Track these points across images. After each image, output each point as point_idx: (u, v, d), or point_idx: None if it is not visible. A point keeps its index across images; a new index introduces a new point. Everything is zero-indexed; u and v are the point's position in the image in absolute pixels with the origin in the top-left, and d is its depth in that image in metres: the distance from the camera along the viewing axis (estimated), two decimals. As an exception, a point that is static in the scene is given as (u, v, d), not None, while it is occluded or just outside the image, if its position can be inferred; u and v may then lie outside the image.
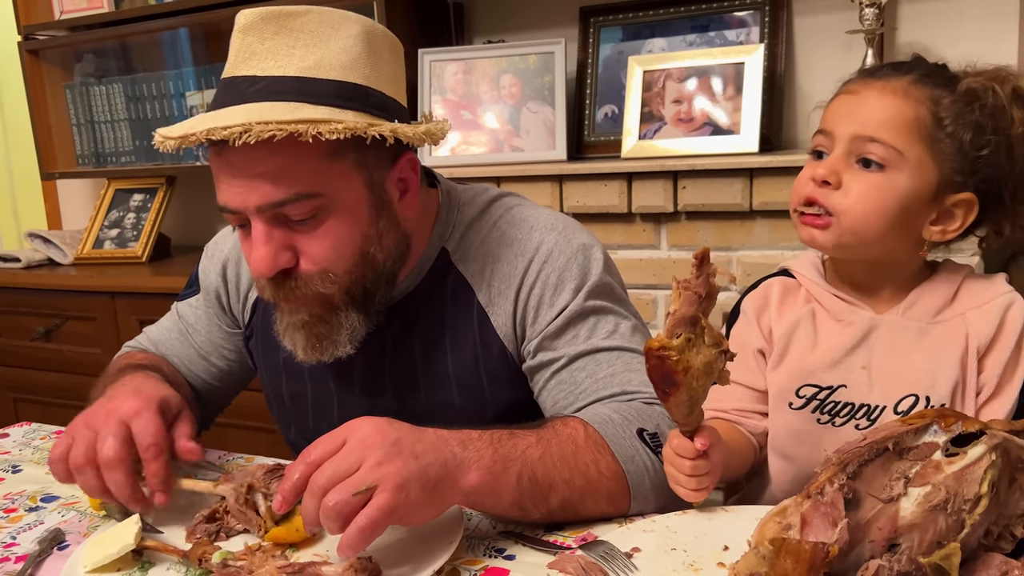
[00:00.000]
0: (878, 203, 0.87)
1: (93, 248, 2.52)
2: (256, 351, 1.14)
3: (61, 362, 2.33)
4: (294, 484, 0.75)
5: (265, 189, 0.86)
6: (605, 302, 1.00)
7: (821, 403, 0.94)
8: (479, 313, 1.01)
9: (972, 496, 0.66)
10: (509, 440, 0.82)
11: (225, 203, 0.89)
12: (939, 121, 0.87)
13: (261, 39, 0.87)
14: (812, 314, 0.97)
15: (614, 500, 0.87)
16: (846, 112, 0.90)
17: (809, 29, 1.87)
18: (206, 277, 1.15)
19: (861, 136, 0.87)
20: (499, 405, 1.02)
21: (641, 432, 0.89)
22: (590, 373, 0.96)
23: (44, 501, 0.99)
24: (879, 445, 0.68)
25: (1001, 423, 0.70)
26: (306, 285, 0.91)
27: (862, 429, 0.92)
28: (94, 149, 2.67)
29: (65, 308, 2.34)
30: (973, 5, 1.73)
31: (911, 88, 0.88)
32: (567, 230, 1.03)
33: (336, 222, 0.90)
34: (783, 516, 0.67)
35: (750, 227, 1.73)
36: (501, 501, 0.81)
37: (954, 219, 0.90)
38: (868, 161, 0.87)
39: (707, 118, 1.82)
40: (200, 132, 0.83)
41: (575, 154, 2.03)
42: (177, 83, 2.48)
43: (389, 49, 0.95)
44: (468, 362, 1.01)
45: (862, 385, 0.93)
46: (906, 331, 0.93)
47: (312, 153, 0.86)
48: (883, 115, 0.87)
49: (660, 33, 1.97)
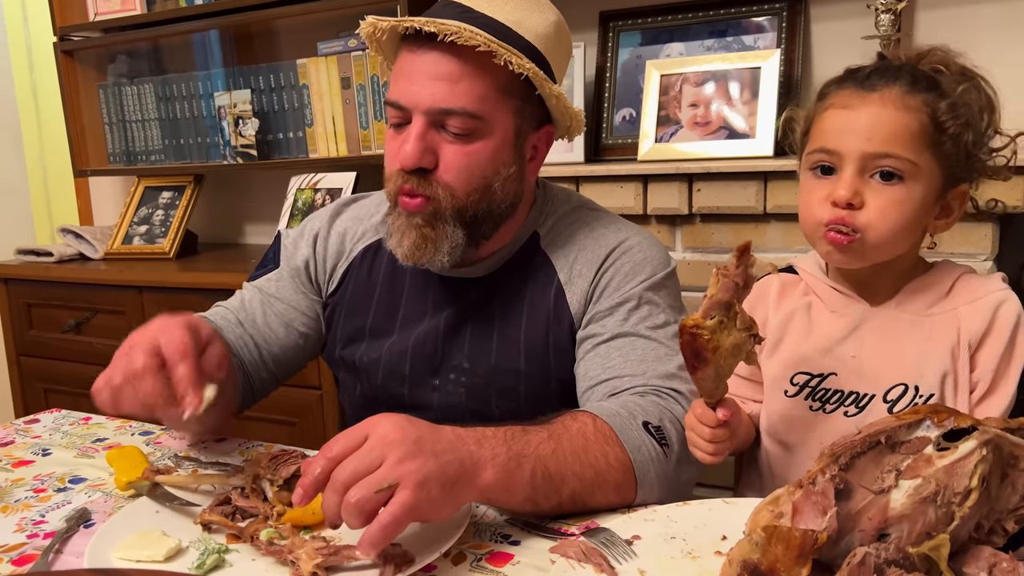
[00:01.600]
0: (901, 215, 0.90)
1: (123, 244, 2.59)
2: (338, 317, 1.19)
3: (90, 354, 2.39)
4: (315, 478, 0.75)
5: (441, 95, 0.98)
6: (662, 299, 1.08)
7: (813, 390, 0.97)
8: (557, 289, 1.09)
9: (962, 490, 0.68)
10: (522, 437, 0.85)
11: (397, 99, 1.00)
12: (939, 126, 0.89)
13: None
14: (808, 305, 1.01)
15: (621, 490, 0.90)
16: (848, 129, 0.90)
17: (825, 35, 1.88)
18: (294, 251, 1.22)
19: (873, 153, 0.88)
20: (561, 373, 1.09)
21: (647, 424, 0.93)
22: (624, 354, 1.03)
23: (72, 483, 1.03)
24: (872, 438, 0.70)
25: (995, 420, 0.72)
26: (432, 189, 1.01)
27: (851, 416, 0.95)
28: (125, 148, 2.73)
29: (95, 302, 2.40)
30: (989, 13, 1.73)
31: (907, 98, 0.89)
32: (651, 237, 1.13)
33: (481, 147, 1.01)
34: (776, 505, 0.69)
35: (764, 230, 1.75)
36: (515, 497, 0.83)
37: (952, 211, 0.94)
38: (888, 174, 0.89)
39: (723, 122, 1.84)
40: (420, 20, 0.96)
41: (592, 156, 2.06)
42: (207, 83, 2.54)
43: (568, 48, 1.12)
44: (540, 332, 1.09)
45: (852, 373, 0.96)
46: (898, 322, 0.95)
47: (490, 81, 0.99)
48: (889, 129, 0.88)
49: (678, 38, 1.99)
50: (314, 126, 2.36)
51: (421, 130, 0.99)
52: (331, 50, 2.30)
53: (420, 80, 0.99)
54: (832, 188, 0.91)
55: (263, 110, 2.44)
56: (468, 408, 1.11)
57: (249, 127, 2.42)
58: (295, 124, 2.40)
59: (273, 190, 2.62)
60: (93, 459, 1.11)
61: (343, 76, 2.28)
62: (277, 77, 2.41)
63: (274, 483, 0.89)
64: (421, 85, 0.99)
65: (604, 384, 1.02)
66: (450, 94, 0.98)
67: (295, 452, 0.93)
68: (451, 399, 1.11)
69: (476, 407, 1.10)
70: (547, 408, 1.07)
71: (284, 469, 0.91)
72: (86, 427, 1.25)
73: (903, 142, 0.88)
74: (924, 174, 0.89)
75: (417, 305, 1.14)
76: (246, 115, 2.42)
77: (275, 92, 2.42)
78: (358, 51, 2.25)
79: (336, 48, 2.29)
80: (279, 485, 0.89)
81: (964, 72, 0.93)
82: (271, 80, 2.42)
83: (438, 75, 0.98)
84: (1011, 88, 0.88)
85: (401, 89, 1.00)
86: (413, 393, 1.13)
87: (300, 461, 0.91)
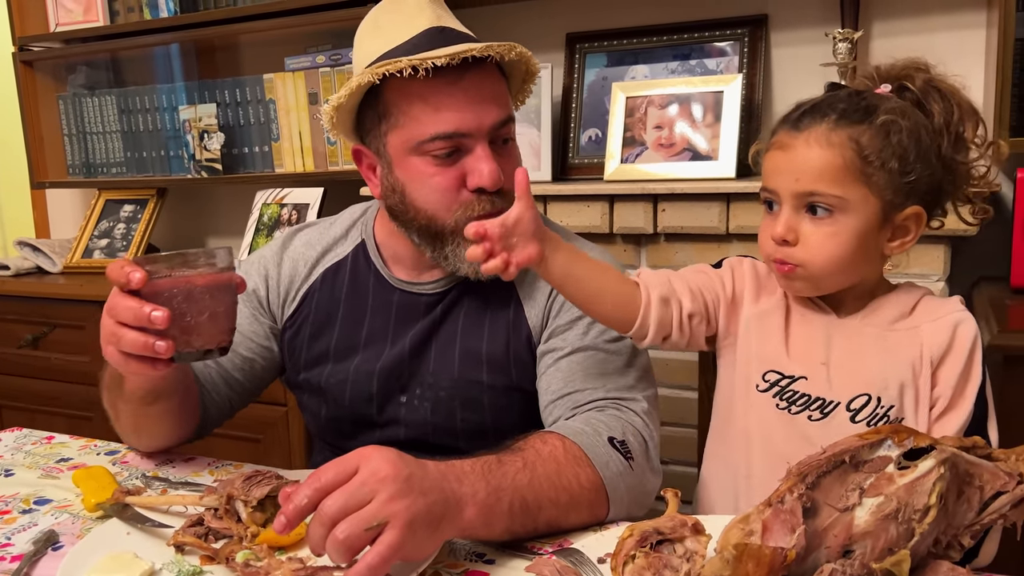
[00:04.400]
0: (836, 247, 0.94)
1: (82, 257, 2.55)
2: (300, 340, 1.19)
3: (47, 370, 2.35)
4: (300, 507, 0.74)
5: (494, 110, 1.03)
6: None
7: (782, 390, 1.00)
8: (516, 302, 1.12)
9: (921, 507, 0.71)
10: (499, 469, 0.86)
11: (458, 127, 1.01)
12: (865, 159, 0.92)
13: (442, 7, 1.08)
14: (785, 307, 1.04)
15: (594, 509, 0.92)
16: (782, 168, 0.96)
17: (786, 60, 1.93)
18: (252, 278, 1.20)
19: (801, 192, 0.94)
20: (522, 383, 1.11)
21: (612, 440, 0.95)
22: (585, 368, 1.05)
23: (37, 504, 1.02)
24: (837, 458, 0.72)
25: (951, 439, 0.75)
26: (507, 198, 1.02)
27: (814, 420, 0.98)
28: (85, 160, 2.69)
29: (53, 316, 2.35)
30: (942, 41, 1.80)
31: (831, 135, 0.93)
32: (605, 253, 1.16)
33: (515, 148, 1.10)
34: (746, 523, 0.72)
35: (727, 250, 1.79)
36: (494, 530, 0.84)
37: (908, 231, 0.97)
38: (815, 208, 0.94)
39: (687, 144, 1.88)
40: (478, 47, 0.99)
41: (559, 175, 2.09)
42: (170, 96, 2.52)
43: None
44: (500, 344, 1.10)
45: (821, 380, 0.99)
46: (864, 335, 0.99)
47: (506, 85, 1.08)
48: (815, 168, 0.93)
49: (643, 60, 2.04)
50: (280, 141, 2.36)
51: (488, 150, 1.03)
52: (299, 65, 2.30)
53: (474, 104, 1.01)
54: (774, 224, 0.97)
55: (228, 124, 2.42)
56: (433, 423, 1.12)
57: (214, 141, 2.40)
58: (261, 139, 2.40)
59: (238, 204, 2.61)
60: (58, 479, 1.09)
61: (310, 91, 2.28)
62: (243, 91, 2.40)
63: (248, 504, 0.89)
64: (475, 108, 1.01)
65: (566, 398, 1.04)
66: (499, 108, 1.04)
67: (269, 473, 0.93)
68: (417, 415, 1.12)
69: (441, 421, 1.11)
70: (510, 417, 1.10)
71: (257, 490, 0.90)
72: (49, 446, 1.23)
73: (827, 179, 0.92)
74: (855, 205, 0.93)
75: (380, 322, 1.15)
76: (211, 129, 2.40)
77: (241, 106, 2.41)
78: (326, 67, 2.26)
79: (304, 64, 2.29)
80: (253, 506, 0.89)
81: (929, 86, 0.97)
82: (237, 94, 2.41)
83: (484, 96, 1.02)
84: None
85: (455, 118, 1.01)
86: (381, 412, 1.14)
87: (274, 482, 0.91)
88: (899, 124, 0.92)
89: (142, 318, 0.86)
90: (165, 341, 0.87)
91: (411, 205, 1.06)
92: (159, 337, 0.87)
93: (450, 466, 0.83)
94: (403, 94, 1.02)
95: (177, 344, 0.89)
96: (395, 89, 1.02)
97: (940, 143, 0.95)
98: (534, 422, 1.07)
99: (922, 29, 1.81)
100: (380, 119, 1.05)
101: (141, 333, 0.87)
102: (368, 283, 1.17)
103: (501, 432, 0.97)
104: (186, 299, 0.88)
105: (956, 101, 0.96)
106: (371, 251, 1.18)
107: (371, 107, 1.06)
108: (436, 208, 1.04)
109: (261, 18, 2.27)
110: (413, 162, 1.04)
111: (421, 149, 1.02)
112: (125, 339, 0.88)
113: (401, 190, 1.06)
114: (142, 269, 0.87)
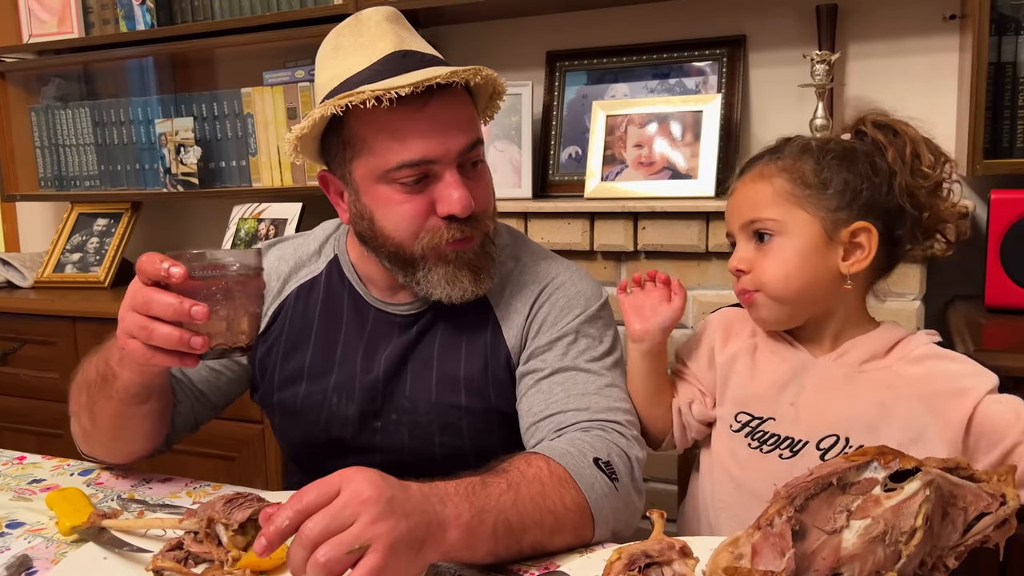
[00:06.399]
0: (782, 265, 1.00)
1: (54, 272, 2.50)
2: (273, 358, 1.17)
3: (17, 386, 2.30)
4: (281, 529, 0.73)
5: (461, 136, 1.01)
6: (598, 331, 1.10)
7: (752, 430, 1.04)
8: (493, 324, 1.11)
9: (908, 529, 0.71)
10: (483, 491, 0.84)
11: (424, 155, 1.00)
12: (793, 182, 1.01)
13: (405, 28, 1.06)
14: (754, 347, 1.07)
15: (579, 531, 0.91)
16: (732, 209, 1.07)
17: (764, 81, 1.96)
18: None
19: (745, 222, 1.03)
20: (501, 406, 1.10)
21: (597, 461, 0.95)
22: (566, 389, 1.04)
23: (9, 527, 0.99)
24: (824, 480, 0.73)
25: (935, 460, 0.76)
26: (479, 222, 1.05)
27: (785, 459, 1.01)
28: (57, 172, 2.66)
29: (23, 331, 2.31)
30: (917, 64, 1.83)
31: (764, 169, 1.03)
32: (580, 271, 1.17)
33: (485, 169, 1.09)
34: (735, 546, 0.72)
35: (706, 267, 1.80)
36: (478, 553, 0.83)
37: (862, 248, 1.00)
38: (760, 234, 1.02)
39: (666, 162, 1.90)
40: (443, 74, 0.97)
41: (540, 192, 2.09)
42: (146, 109, 2.49)
43: None
44: (478, 366, 1.10)
45: (789, 420, 1.02)
46: (834, 376, 1.01)
47: (473, 108, 1.07)
48: (752, 199, 1.03)
49: (623, 79, 2.05)
50: (258, 155, 2.34)
51: (458, 176, 1.01)
52: (277, 80, 2.29)
53: (441, 130, 1.00)
54: (732, 258, 1.05)
55: (205, 138, 2.40)
56: (410, 447, 1.10)
57: (191, 155, 2.38)
58: (238, 153, 2.38)
59: (214, 219, 2.58)
60: (31, 502, 1.07)
61: (289, 106, 2.27)
62: (220, 105, 2.38)
63: (229, 527, 0.87)
64: (442, 134, 1.00)
65: (548, 420, 1.03)
66: (466, 132, 1.02)
67: (250, 495, 0.91)
68: (393, 440, 1.11)
69: (418, 446, 1.10)
70: (490, 440, 1.09)
71: (239, 513, 0.88)
72: (20, 467, 1.20)
73: (764, 206, 1.02)
74: (794, 227, 1.00)
75: (355, 342, 1.14)
76: (188, 143, 2.38)
77: (218, 120, 2.39)
78: (305, 82, 2.25)
79: (282, 78, 2.28)
80: (234, 529, 0.88)
81: (878, 125, 1.03)
82: (214, 108, 2.39)
83: (450, 121, 1.01)
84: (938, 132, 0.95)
85: (423, 145, 0.99)
86: (356, 436, 1.12)
87: (256, 505, 0.89)
88: (826, 148, 1.02)
89: (182, 313, 0.85)
90: (201, 336, 0.87)
91: (379, 232, 1.05)
92: (194, 332, 0.87)
93: (433, 488, 0.82)
94: (367, 123, 1.00)
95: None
96: (359, 118, 1.00)
97: (896, 172, 1.00)
98: (514, 444, 1.06)
99: (897, 52, 1.84)
100: (344, 147, 1.04)
101: (175, 328, 0.86)
102: (342, 300, 1.16)
103: (480, 455, 0.96)
104: (224, 296, 0.88)
105: (907, 135, 1.02)
106: (345, 267, 1.17)
107: (335, 135, 1.04)
108: (404, 236, 1.03)
109: (239, 32, 2.25)
110: (380, 190, 1.03)
111: (388, 177, 1.01)
112: (158, 333, 0.86)
113: (370, 216, 1.05)
114: (180, 264, 0.86)
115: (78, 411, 1.10)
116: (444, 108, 1.00)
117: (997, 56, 1.60)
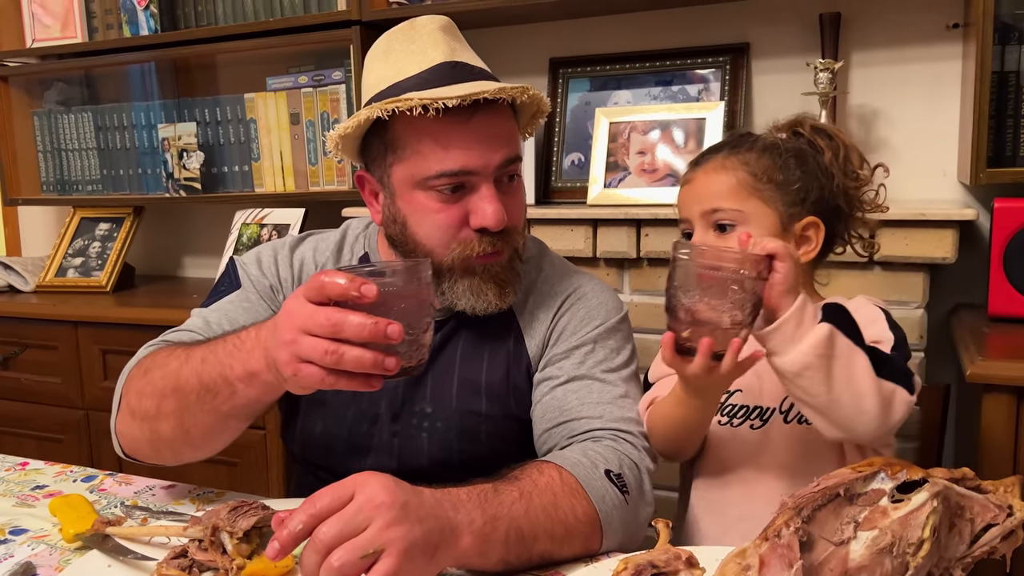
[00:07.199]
0: None
1: (56, 276, 2.50)
2: None
3: (18, 391, 2.30)
4: (295, 533, 0.73)
5: (502, 150, 1.02)
6: (617, 343, 1.11)
7: (722, 406, 1.09)
8: (516, 332, 1.12)
9: (915, 540, 0.71)
10: (495, 498, 0.85)
11: (464, 165, 1.00)
12: (755, 176, 1.07)
13: (457, 39, 1.08)
14: None
15: (587, 542, 0.91)
16: (690, 198, 1.11)
17: (767, 89, 1.96)
18: (260, 271, 1.16)
19: (707, 211, 1.08)
20: (519, 413, 1.11)
21: (608, 472, 0.95)
22: (580, 397, 1.05)
23: (13, 534, 0.99)
24: (831, 491, 0.73)
25: (942, 471, 0.76)
26: (510, 236, 1.05)
27: (756, 429, 1.08)
28: (60, 177, 2.66)
29: (25, 336, 2.31)
30: (920, 73, 1.83)
31: (725, 161, 1.09)
32: (602, 284, 1.18)
33: (521, 184, 1.10)
34: (743, 557, 0.71)
35: (710, 275, 1.80)
36: (489, 560, 0.83)
37: (810, 241, 1.09)
38: (722, 225, 1.07)
39: (669, 169, 1.90)
40: (491, 89, 0.98)
41: (543, 199, 2.09)
42: (148, 114, 2.49)
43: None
44: (500, 374, 1.10)
45: (754, 389, 1.09)
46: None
47: (515, 123, 1.08)
48: (713, 190, 1.08)
49: (626, 86, 2.05)
50: (261, 161, 2.34)
51: (494, 189, 1.02)
52: (280, 86, 2.29)
53: (483, 143, 1.01)
54: None
55: (208, 143, 2.40)
56: (429, 453, 1.10)
57: (194, 160, 2.38)
58: (241, 158, 2.38)
59: (216, 224, 2.58)
60: (34, 508, 1.07)
61: (292, 112, 2.27)
62: (223, 110, 2.38)
63: (234, 535, 0.87)
64: (483, 147, 1.01)
65: (562, 426, 1.04)
66: (507, 147, 1.03)
67: (255, 503, 0.91)
68: (412, 443, 1.11)
69: (436, 452, 1.10)
70: (507, 447, 1.09)
71: (244, 521, 0.88)
72: (23, 473, 1.20)
73: (725, 196, 1.07)
74: (754, 218, 1.06)
75: None
76: (191, 148, 2.38)
77: (221, 125, 2.39)
78: (308, 87, 2.25)
79: (286, 84, 2.28)
80: (239, 537, 0.87)
81: (815, 129, 1.13)
82: (217, 113, 2.39)
83: (492, 134, 1.02)
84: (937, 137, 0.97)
85: (464, 156, 1.00)
86: (374, 437, 1.12)
87: (260, 513, 0.89)
88: (780, 147, 1.09)
89: (378, 334, 0.79)
90: (393, 356, 0.81)
91: (411, 237, 1.05)
92: (386, 353, 0.81)
93: (446, 494, 0.82)
94: (412, 130, 1.01)
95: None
96: (404, 124, 1.01)
97: (834, 174, 1.10)
98: (530, 452, 1.07)
99: (900, 60, 1.84)
100: (386, 150, 1.04)
101: (366, 350, 0.80)
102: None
103: (497, 462, 0.96)
104: (407, 311, 0.83)
105: (841, 140, 1.12)
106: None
107: (378, 136, 1.05)
108: (435, 244, 1.04)
109: (242, 38, 2.26)
110: (417, 196, 1.03)
111: (426, 184, 1.02)
112: (348, 356, 0.80)
113: (403, 221, 1.06)
114: (371, 282, 0.80)
115: (155, 416, 1.01)
116: (488, 122, 1.01)
117: (1000, 65, 1.60)
